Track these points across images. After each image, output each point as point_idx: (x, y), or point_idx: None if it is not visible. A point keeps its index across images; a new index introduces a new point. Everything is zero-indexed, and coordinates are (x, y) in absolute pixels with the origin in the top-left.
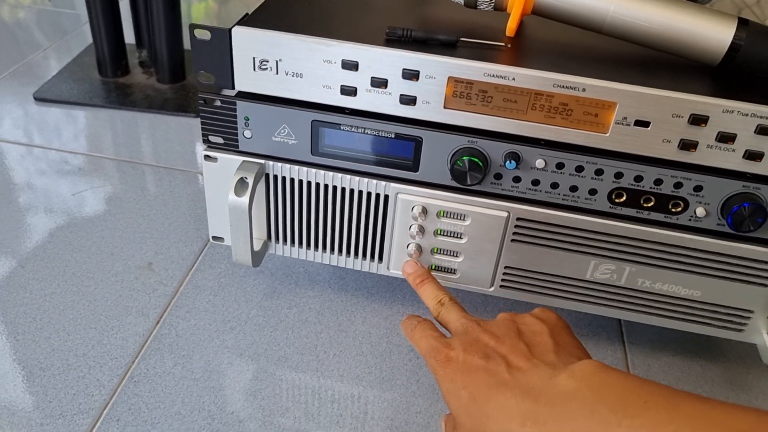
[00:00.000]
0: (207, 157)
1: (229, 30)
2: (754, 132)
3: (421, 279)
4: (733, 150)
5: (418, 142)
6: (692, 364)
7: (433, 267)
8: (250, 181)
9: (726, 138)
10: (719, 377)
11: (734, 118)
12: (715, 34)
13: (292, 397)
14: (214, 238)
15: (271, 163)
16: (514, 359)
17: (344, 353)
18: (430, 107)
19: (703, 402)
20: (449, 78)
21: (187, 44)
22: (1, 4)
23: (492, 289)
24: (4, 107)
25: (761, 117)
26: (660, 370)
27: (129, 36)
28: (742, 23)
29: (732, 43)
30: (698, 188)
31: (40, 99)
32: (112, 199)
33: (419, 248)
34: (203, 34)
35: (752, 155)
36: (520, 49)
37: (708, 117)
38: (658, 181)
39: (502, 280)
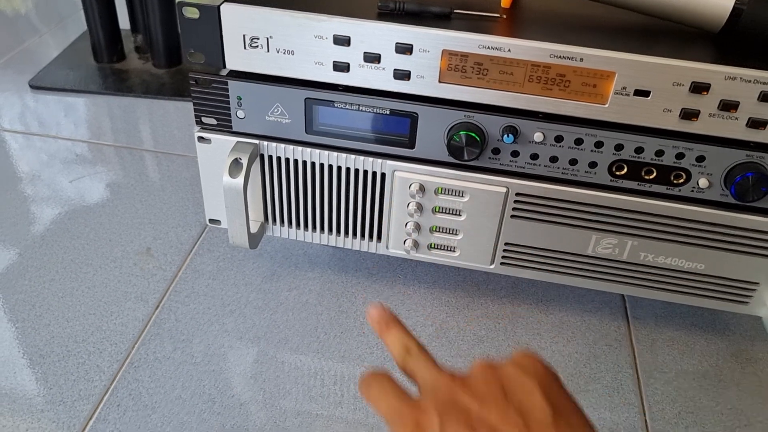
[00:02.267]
0: (200, 138)
1: (218, 7)
2: (758, 99)
3: (387, 323)
4: (736, 118)
5: (413, 118)
6: (697, 338)
7: (432, 245)
8: (245, 161)
9: (728, 106)
10: (724, 351)
11: (737, 85)
12: None
13: (293, 379)
14: (211, 221)
15: (265, 143)
16: (508, 430)
17: (345, 334)
18: (425, 82)
19: None
20: (443, 51)
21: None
22: None
23: (492, 266)
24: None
25: (765, 83)
26: (664, 345)
27: (124, 21)
28: None
29: (734, 7)
30: (701, 158)
31: (35, 87)
32: (110, 186)
33: (418, 227)
34: (192, 12)
35: (756, 123)
36: (516, 20)
37: (710, 85)
38: (660, 152)
39: (503, 257)
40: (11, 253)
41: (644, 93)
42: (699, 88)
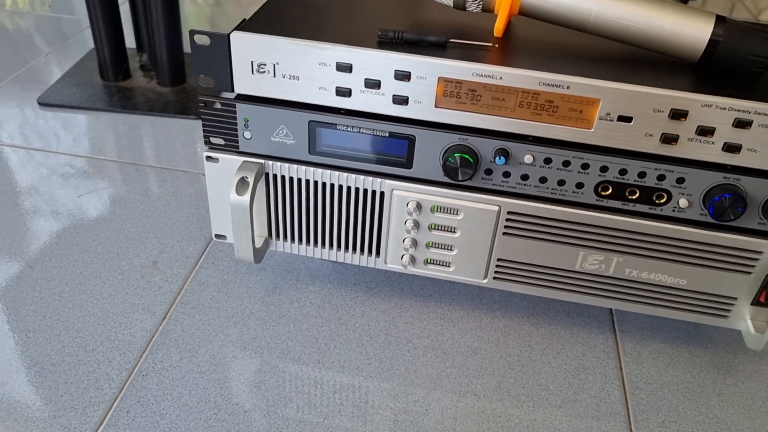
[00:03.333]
0: (209, 158)
1: (228, 35)
2: (732, 125)
3: None
4: (713, 143)
5: (411, 140)
6: (681, 351)
7: (428, 260)
8: (251, 180)
9: (705, 131)
10: (707, 363)
11: (713, 112)
12: (694, 31)
13: (294, 387)
14: (217, 236)
15: (270, 162)
16: None
17: (345, 345)
18: (422, 106)
19: None
20: (439, 78)
21: (186, 47)
22: (0, 10)
23: (486, 280)
24: (8, 112)
25: (738, 110)
26: (650, 357)
27: (129, 40)
28: (720, 20)
29: (710, 39)
30: (680, 180)
31: (43, 104)
32: (116, 201)
33: (414, 242)
34: (203, 40)
35: (731, 147)
36: (508, 49)
37: (688, 111)
38: (642, 174)
39: (495, 272)
40: (22, 265)
41: (627, 119)
42: (678, 114)
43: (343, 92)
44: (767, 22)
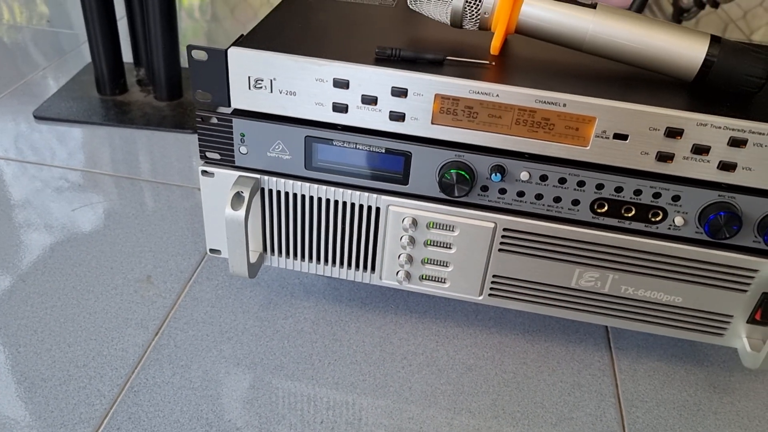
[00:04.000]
0: (204, 172)
1: (225, 51)
2: (727, 144)
3: None
4: (708, 161)
5: (407, 157)
6: (677, 369)
7: (424, 277)
8: (246, 195)
9: (701, 150)
10: (703, 381)
11: (708, 131)
12: (689, 51)
13: (288, 404)
14: (212, 250)
15: (266, 177)
16: None
17: (339, 362)
18: (419, 123)
19: None
20: (436, 95)
21: (184, 62)
22: None
23: (481, 297)
24: (4, 125)
25: (733, 129)
26: (646, 375)
27: (127, 55)
28: (715, 40)
29: (705, 59)
30: (676, 198)
31: (39, 117)
32: (111, 215)
33: (410, 258)
34: (200, 55)
35: (726, 166)
36: (504, 67)
37: (683, 130)
38: (638, 192)
39: (491, 288)
40: (14, 279)
41: (623, 137)
42: (673, 133)
43: (340, 108)
44: (760, 42)
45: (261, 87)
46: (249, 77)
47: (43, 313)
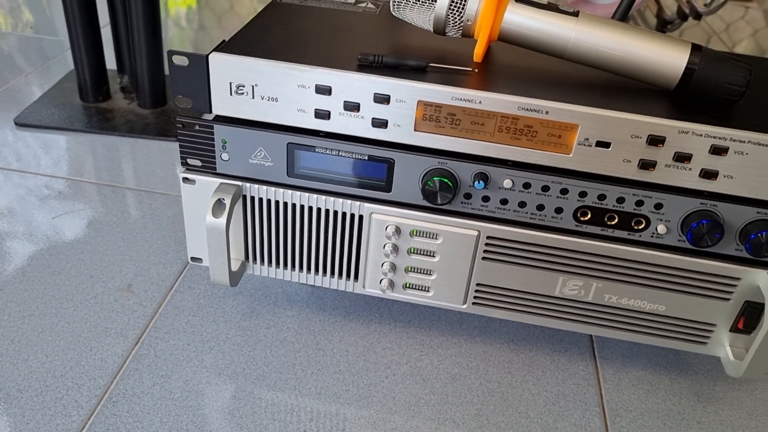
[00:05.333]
0: (185, 179)
1: (207, 56)
2: (709, 152)
3: None
4: (690, 169)
5: (390, 164)
6: (661, 378)
7: (407, 285)
8: (228, 202)
9: (683, 158)
10: (687, 390)
11: (690, 139)
12: (670, 59)
13: (270, 415)
14: (193, 258)
15: (248, 184)
16: None
17: (322, 371)
18: (401, 130)
19: None
20: (419, 102)
21: (168, 70)
22: None
23: (465, 306)
24: None
25: (715, 137)
26: (630, 384)
27: (110, 62)
28: (696, 49)
29: (686, 68)
30: (659, 206)
31: (20, 124)
32: (92, 223)
33: (393, 267)
34: (181, 60)
35: (708, 174)
36: (487, 74)
37: (665, 138)
38: (621, 200)
39: (474, 297)
40: None
41: (605, 144)
42: (655, 140)
43: (322, 115)
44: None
45: (243, 93)
46: (230, 83)
47: (21, 322)
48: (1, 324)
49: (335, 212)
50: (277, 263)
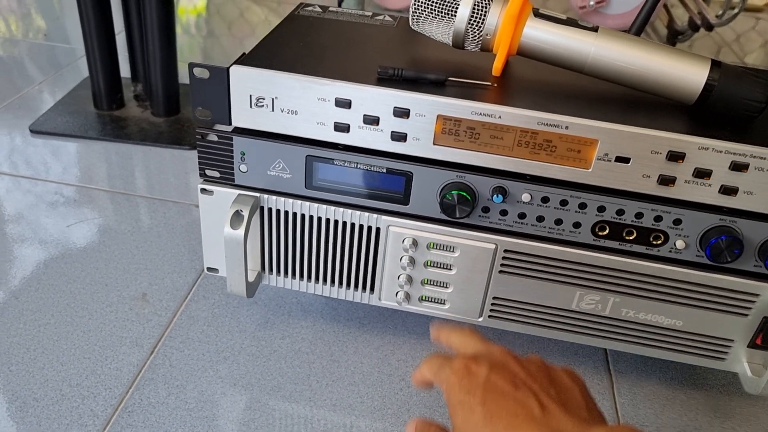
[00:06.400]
0: (203, 190)
1: (227, 69)
2: (729, 168)
3: (447, 336)
4: (710, 185)
5: (408, 177)
6: (677, 393)
7: (423, 298)
8: (246, 213)
9: (702, 174)
10: (703, 405)
11: (710, 155)
12: (690, 75)
13: (284, 426)
14: (209, 269)
15: (266, 196)
16: (547, 400)
17: (336, 383)
18: (420, 143)
19: None
20: (438, 116)
21: (182, 78)
22: None
23: (481, 319)
24: None
25: (735, 154)
26: (645, 399)
27: (125, 70)
28: (716, 65)
29: (706, 83)
30: (677, 221)
31: (35, 131)
32: (106, 231)
33: (409, 279)
34: (202, 73)
35: (727, 190)
36: (506, 88)
37: (685, 154)
38: (639, 215)
39: (491, 310)
40: (7, 295)
41: (625, 159)
42: (675, 156)
43: (342, 128)
44: (753, 65)
45: (262, 105)
46: (250, 96)
47: (36, 330)
48: (17, 332)
49: (352, 224)
50: (294, 275)
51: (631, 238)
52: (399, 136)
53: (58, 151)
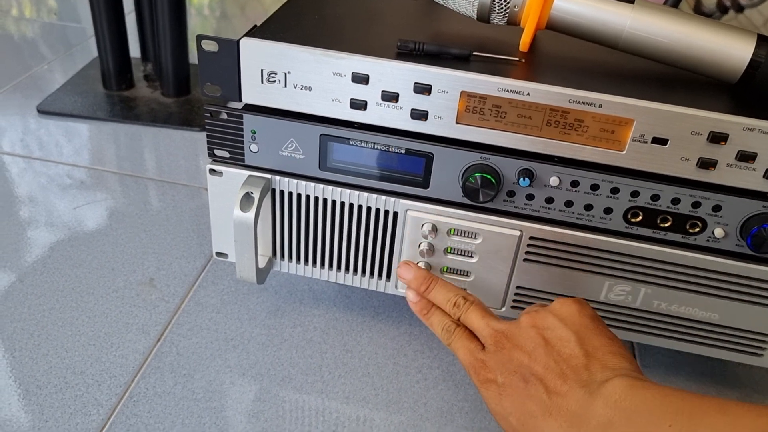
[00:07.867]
0: (212, 171)
1: (238, 41)
2: None
3: (426, 284)
4: (754, 169)
5: (428, 158)
6: (707, 389)
7: None
8: (256, 196)
9: (746, 157)
10: None
11: (755, 137)
12: (733, 51)
13: (295, 419)
14: (218, 254)
15: (277, 177)
16: (551, 381)
17: (350, 374)
18: (442, 122)
19: (726, 412)
20: (462, 92)
21: (192, 58)
22: (5, 16)
23: (503, 309)
24: (7, 119)
25: None
26: None
27: (134, 50)
28: (762, 40)
29: (751, 60)
30: (717, 208)
31: (43, 111)
32: (114, 214)
33: (428, 267)
34: (211, 46)
35: None
36: (534, 64)
37: (728, 135)
38: (676, 201)
39: (514, 300)
40: (12, 278)
41: (662, 141)
42: (717, 138)
43: (358, 105)
44: None
45: (274, 81)
46: (262, 70)
47: (41, 315)
48: (21, 317)
49: (368, 208)
50: (306, 261)
51: (666, 225)
52: (419, 114)
53: (65, 131)
